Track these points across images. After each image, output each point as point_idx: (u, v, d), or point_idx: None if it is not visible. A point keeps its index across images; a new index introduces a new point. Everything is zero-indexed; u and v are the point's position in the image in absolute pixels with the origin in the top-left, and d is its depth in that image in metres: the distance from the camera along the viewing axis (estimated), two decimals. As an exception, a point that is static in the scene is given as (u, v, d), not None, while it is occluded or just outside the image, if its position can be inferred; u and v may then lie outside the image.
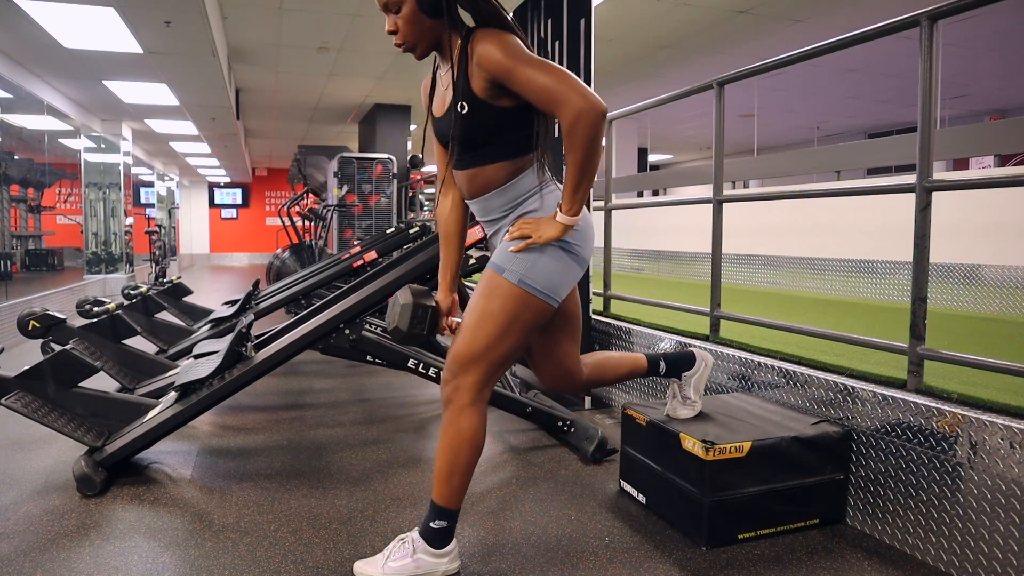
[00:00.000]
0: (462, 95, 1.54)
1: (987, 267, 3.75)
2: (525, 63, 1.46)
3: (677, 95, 3.08)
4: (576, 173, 1.49)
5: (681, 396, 2.07)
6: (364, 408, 3.29)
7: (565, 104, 1.42)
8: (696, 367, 2.09)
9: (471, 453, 1.58)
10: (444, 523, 1.62)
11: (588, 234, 1.64)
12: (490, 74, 1.49)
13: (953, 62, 7.30)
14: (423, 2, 1.53)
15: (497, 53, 1.46)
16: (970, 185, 3.20)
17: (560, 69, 1.46)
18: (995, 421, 1.62)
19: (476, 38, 1.51)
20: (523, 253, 1.57)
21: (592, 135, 1.44)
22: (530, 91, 1.46)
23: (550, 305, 1.59)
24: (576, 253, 1.61)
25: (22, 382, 2.24)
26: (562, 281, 1.60)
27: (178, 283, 4.35)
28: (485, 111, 1.53)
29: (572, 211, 1.53)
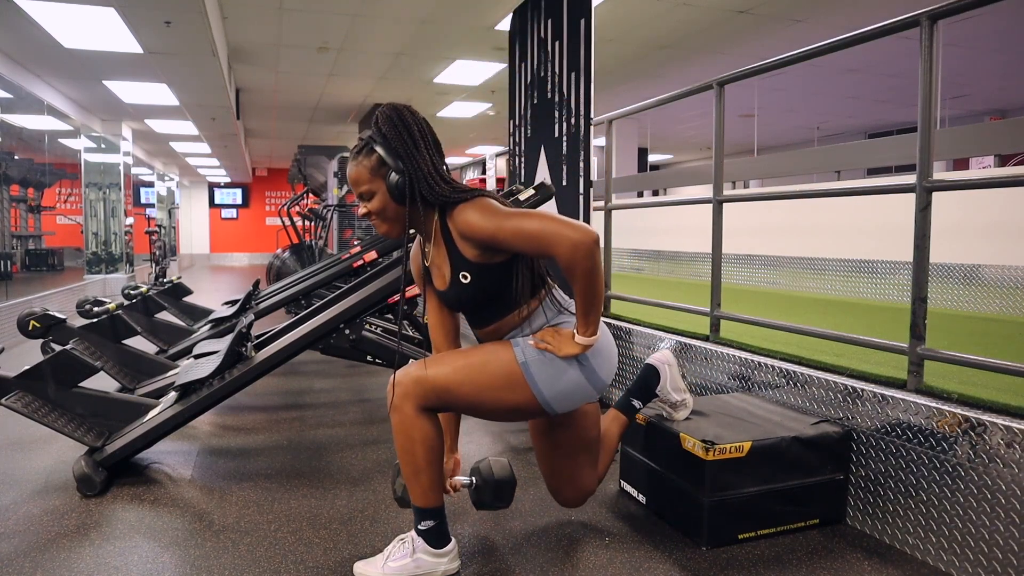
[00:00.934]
0: (460, 266, 1.59)
1: (987, 267, 3.75)
2: (507, 218, 1.50)
3: (677, 95, 3.08)
4: (584, 300, 1.54)
5: (668, 403, 2.06)
6: (364, 408, 3.29)
7: (558, 243, 1.46)
8: (662, 375, 2.03)
9: (426, 451, 1.58)
10: (431, 522, 1.62)
11: (608, 356, 1.66)
12: (477, 240, 1.54)
13: (953, 62, 7.30)
14: (393, 191, 1.58)
15: (477, 220, 1.52)
16: (970, 185, 3.20)
17: (540, 212, 1.52)
18: (995, 421, 1.62)
19: (452, 212, 1.57)
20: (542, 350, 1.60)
21: (591, 264, 1.48)
22: (520, 242, 1.50)
23: (540, 406, 1.61)
24: (591, 371, 1.62)
25: (22, 382, 2.25)
26: (566, 393, 1.61)
27: (178, 283, 4.35)
28: (487, 272, 1.59)
29: (589, 332, 1.57)
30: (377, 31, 6.15)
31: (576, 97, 3.27)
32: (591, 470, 1.88)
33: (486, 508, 1.86)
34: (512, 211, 1.52)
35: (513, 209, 1.53)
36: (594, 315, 1.56)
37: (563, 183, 3.42)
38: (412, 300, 2.87)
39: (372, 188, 1.60)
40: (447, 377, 1.57)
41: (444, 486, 1.69)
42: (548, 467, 1.88)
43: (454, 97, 9.07)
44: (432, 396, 1.57)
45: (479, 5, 5.50)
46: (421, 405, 1.57)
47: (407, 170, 1.56)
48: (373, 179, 1.59)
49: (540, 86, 3.63)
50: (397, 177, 1.56)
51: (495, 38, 6.28)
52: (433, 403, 1.58)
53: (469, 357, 1.61)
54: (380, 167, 1.59)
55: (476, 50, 6.77)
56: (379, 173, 1.59)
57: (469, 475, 1.84)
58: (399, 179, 1.56)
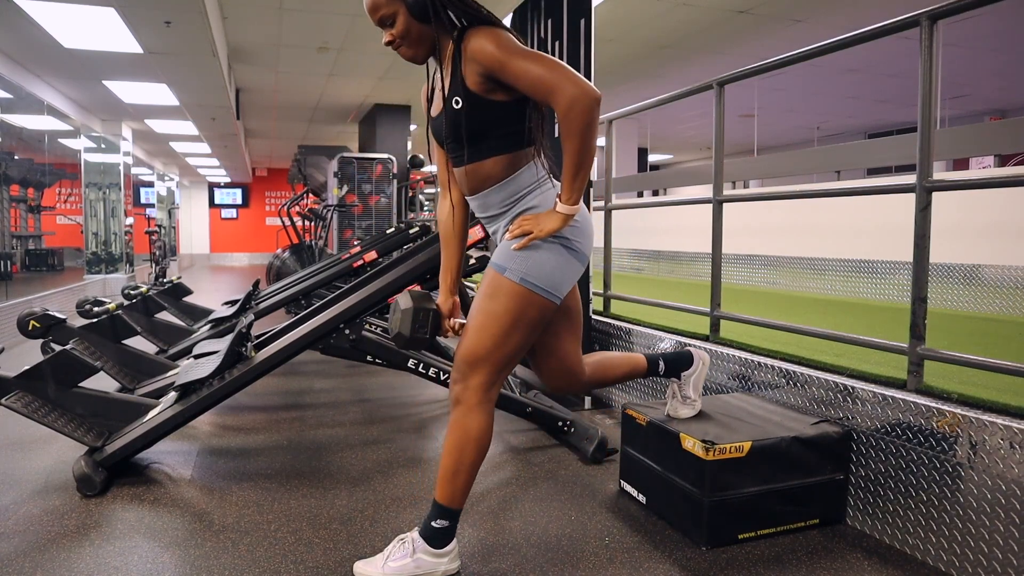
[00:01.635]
0: (456, 91, 1.55)
1: (987, 267, 3.75)
2: (518, 55, 1.47)
3: (677, 95, 3.08)
4: (573, 161, 1.50)
5: (681, 396, 2.08)
6: (364, 408, 3.29)
7: (559, 92, 1.43)
8: (694, 366, 2.09)
9: (476, 453, 1.59)
10: (446, 523, 1.62)
11: (588, 230, 1.65)
12: (483, 67, 1.50)
13: (953, 62, 7.30)
14: (414, 9, 1.55)
15: (490, 46, 1.47)
16: (970, 185, 3.20)
17: (552, 59, 1.48)
18: (995, 421, 1.62)
19: (468, 35, 1.52)
20: (524, 251, 1.57)
21: (587, 121, 1.45)
22: (524, 82, 1.47)
23: (552, 302, 1.60)
24: (576, 249, 1.61)
25: (22, 382, 2.24)
26: (563, 278, 1.60)
27: (178, 283, 4.35)
28: (480, 105, 1.54)
29: (572, 200, 1.54)
30: (377, 31, 6.10)
31: (576, 97, 3.27)
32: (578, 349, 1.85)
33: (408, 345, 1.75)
34: (525, 50, 1.49)
35: (527, 49, 1.50)
36: (580, 180, 1.52)
37: (563, 183, 3.41)
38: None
39: (391, 10, 1.56)
40: (487, 340, 1.57)
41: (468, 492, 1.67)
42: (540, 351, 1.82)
43: (454, 97, 9.05)
44: (487, 364, 1.57)
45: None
46: (485, 386, 1.58)
47: None
48: (391, 2, 1.56)
49: (540, 86, 3.63)
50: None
51: (495, 38, 6.27)
52: (491, 374, 1.58)
53: (481, 313, 1.59)
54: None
55: (476, 50, 6.76)
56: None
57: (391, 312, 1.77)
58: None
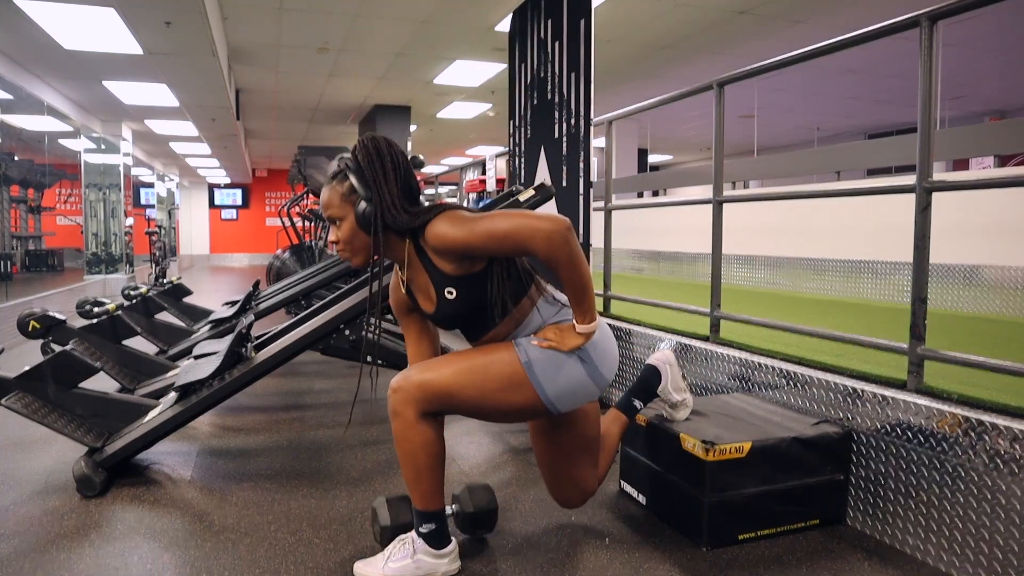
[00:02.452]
0: (443, 283, 1.59)
1: (987, 267, 3.75)
2: (477, 223, 1.50)
3: (677, 95, 3.08)
4: (573, 289, 1.53)
5: (668, 404, 2.05)
6: (364, 409, 3.29)
7: (532, 238, 1.46)
8: (663, 376, 2.04)
9: (429, 457, 1.58)
10: (432, 525, 1.62)
11: (609, 351, 1.66)
12: (454, 254, 1.54)
13: (953, 63, 7.30)
14: (362, 220, 1.58)
15: (448, 230, 1.51)
16: (970, 185, 3.20)
17: (509, 212, 1.52)
18: (995, 421, 1.62)
19: (424, 232, 1.56)
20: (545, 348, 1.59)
21: (570, 251, 1.48)
22: (493, 245, 1.50)
23: (544, 405, 1.60)
24: (593, 367, 1.62)
25: (22, 383, 2.25)
26: (569, 391, 1.61)
27: (178, 284, 4.35)
28: (469, 283, 1.58)
29: (586, 319, 1.56)
30: (377, 31, 6.15)
31: (576, 98, 3.27)
32: (591, 470, 1.88)
33: (468, 534, 1.86)
34: (480, 215, 1.52)
35: (481, 214, 1.53)
36: (587, 302, 1.55)
37: (563, 184, 3.42)
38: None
39: (341, 214, 1.60)
40: (449, 381, 1.57)
41: (443, 489, 1.68)
42: (548, 468, 1.88)
43: (454, 98, 9.07)
44: (434, 401, 1.56)
45: (479, 5, 5.51)
46: (423, 410, 1.57)
47: (375, 199, 1.56)
48: (343, 205, 1.60)
49: (540, 87, 3.63)
50: (365, 205, 1.56)
51: (495, 38, 6.28)
52: (435, 408, 1.58)
53: (471, 360, 1.60)
54: (351, 194, 1.59)
55: (476, 50, 6.78)
56: (349, 200, 1.60)
57: (451, 502, 1.83)
58: (366, 208, 1.56)
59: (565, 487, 1.87)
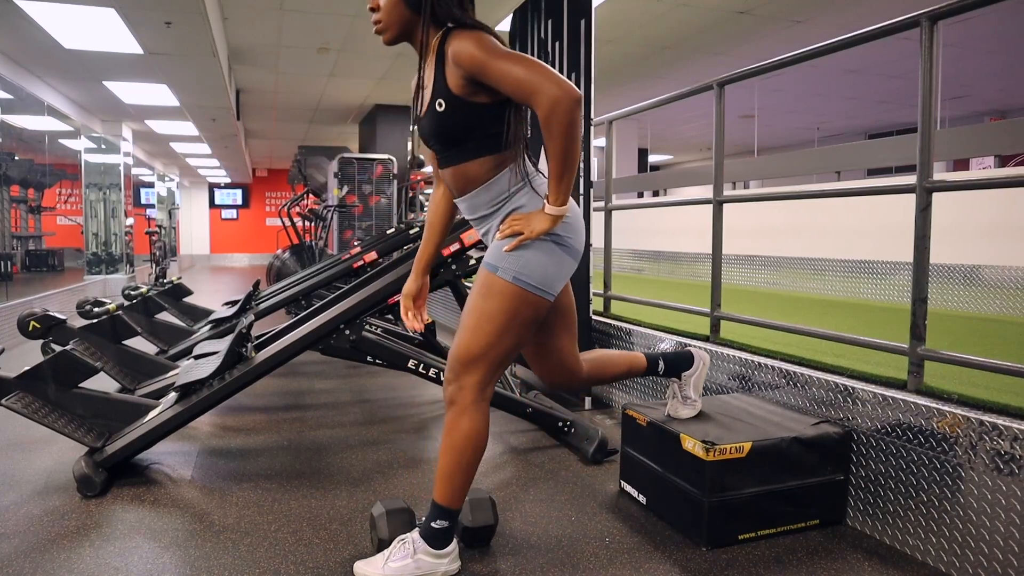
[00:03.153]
0: (439, 93, 1.56)
1: (987, 267, 3.75)
2: (499, 57, 1.47)
3: (677, 95, 3.08)
4: (558, 162, 1.49)
5: (681, 396, 2.08)
6: (364, 409, 3.29)
7: (540, 93, 1.43)
8: (695, 367, 2.09)
9: (474, 453, 1.59)
10: (445, 523, 1.62)
11: (578, 226, 1.65)
12: (465, 70, 1.50)
13: (953, 63, 7.30)
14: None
15: (472, 48, 1.48)
16: (970, 185, 3.21)
17: (534, 60, 1.48)
18: (995, 421, 1.62)
19: (452, 36, 1.54)
20: (516, 250, 1.57)
21: (569, 122, 1.45)
22: (505, 84, 1.47)
23: (546, 299, 1.61)
24: (568, 245, 1.62)
25: (22, 383, 2.24)
26: (556, 274, 1.61)
27: (178, 284, 4.35)
28: (462, 108, 1.55)
29: (559, 201, 1.54)
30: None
31: (576, 97, 3.27)
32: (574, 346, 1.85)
33: (464, 543, 1.84)
34: (507, 52, 1.49)
35: (509, 51, 1.50)
36: (567, 181, 1.52)
37: (563, 183, 3.42)
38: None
39: None
40: (481, 340, 1.57)
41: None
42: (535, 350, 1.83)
43: (454, 97, 9.06)
44: (482, 364, 1.57)
45: (479, 5, 5.47)
46: (480, 385, 1.58)
47: None
48: None
49: (540, 87, 3.63)
50: None
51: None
52: (485, 372, 1.58)
53: (474, 313, 1.59)
54: None
55: (476, 51, 6.76)
56: None
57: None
58: None
59: (553, 366, 1.84)
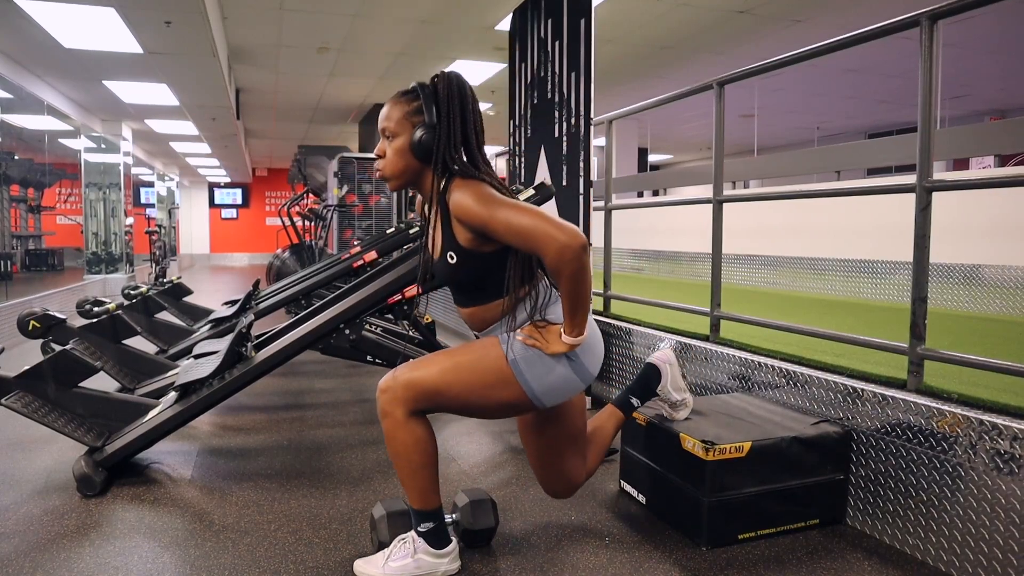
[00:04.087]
0: (449, 246, 1.59)
1: (987, 267, 3.75)
2: (500, 208, 1.49)
3: (677, 95, 3.08)
4: (570, 303, 1.52)
5: (669, 403, 2.06)
6: (364, 408, 3.29)
7: (546, 244, 1.44)
8: (663, 375, 2.04)
9: (421, 455, 1.58)
10: (430, 524, 1.62)
11: (596, 349, 1.65)
12: (470, 226, 1.53)
13: (953, 62, 7.30)
14: (416, 146, 1.58)
15: (472, 204, 1.50)
16: (970, 185, 3.20)
17: (534, 210, 1.49)
18: (995, 421, 1.62)
19: (452, 185, 1.56)
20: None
21: (577, 267, 1.46)
22: (509, 236, 1.49)
23: (530, 401, 1.60)
24: (579, 364, 1.61)
25: (22, 382, 2.24)
26: (555, 387, 1.60)
27: (178, 283, 4.35)
28: (473, 259, 1.58)
29: (575, 333, 1.55)
30: (377, 31, 6.15)
31: (576, 97, 3.27)
32: (579, 461, 1.87)
33: (465, 544, 1.84)
34: (507, 202, 1.50)
35: (509, 200, 1.51)
36: (580, 316, 1.54)
37: (563, 183, 3.42)
38: (412, 300, 2.86)
39: (397, 131, 1.60)
40: (436, 379, 1.56)
41: (438, 487, 1.67)
42: (537, 460, 1.86)
43: (454, 97, 9.05)
44: (422, 399, 1.56)
45: (479, 5, 5.50)
46: (411, 409, 1.56)
47: (439, 131, 1.57)
48: (402, 122, 1.60)
49: (540, 86, 3.63)
50: (423, 132, 1.57)
51: (495, 38, 6.28)
52: (423, 406, 1.57)
53: (457, 357, 1.60)
54: (415, 115, 1.59)
55: (476, 50, 6.77)
56: (410, 120, 1.59)
57: (451, 510, 1.83)
58: (425, 135, 1.57)
59: (553, 478, 1.86)
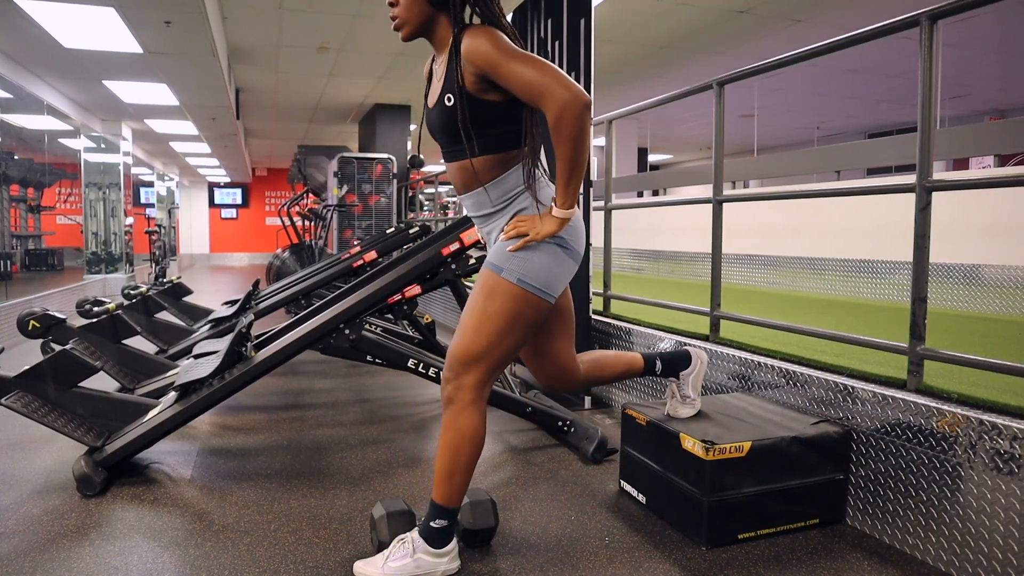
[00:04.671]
0: (449, 88, 1.56)
1: (987, 267, 3.75)
2: (511, 57, 1.47)
3: (677, 95, 3.08)
4: (566, 166, 1.50)
5: (680, 395, 2.08)
6: (364, 408, 3.29)
7: (549, 97, 1.44)
8: (692, 366, 2.09)
9: (472, 452, 1.59)
10: (444, 522, 1.63)
11: (580, 229, 1.66)
12: (478, 68, 1.50)
13: (953, 62, 7.30)
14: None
15: (485, 47, 1.48)
16: (970, 185, 3.20)
17: (546, 63, 1.48)
18: (995, 420, 1.62)
19: (467, 32, 1.54)
20: (520, 251, 1.58)
21: (578, 126, 1.45)
22: (515, 85, 1.47)
23: (548, 301, 1.61)
24: (571, 248, 1.62)
25: (22, 382, 2.24)
26: (559, 277, 1.61)
27: (178, 283, 4.35)
28: (472, 104, 1.55)
29: (567, 204, 1.55)
30: (377, 31, 6.15)
31: (576, 97, 3.27)
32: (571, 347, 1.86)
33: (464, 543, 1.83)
34: (520, 53, 1.49)
35: (522, 52, 1.50)
36: (575, 184, 1.53)
37: (563, 183, 3.42)
38: (412, 300, 2.86)
39: None
40: (480, 342, 1.57)
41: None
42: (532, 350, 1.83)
43: (454, 97, 9.05)
44: (484, 364, 1.57)
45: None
46: (476, 382, 1.58)
47: None
48: None
49: (540, 86, 3.63)
50: None
51: (495, 38, 6.27)
52: (484, 372, 1.58)
53: (477, 314, 1.59)
54: None
55: (476, 50, 6.76)
56: None
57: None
58: None
59: (546, 365, 1.84)
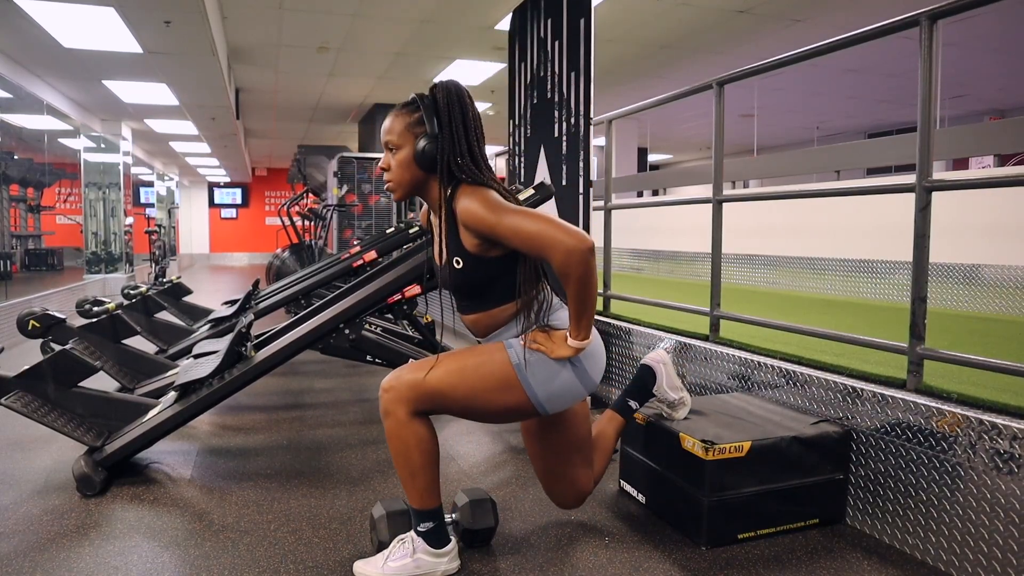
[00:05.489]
0: (455, 251, 1.60)
1: (987, 267, 3.75)
2: (506, 214, 1.50)
3: (677, 95, 3.08)
4: (576, 304, 1.53)
5: (666, 403, 2.06)
6: (364, 408, 3.29)
7: (553, 247, 1.46)
8: (658, 375, 2.04)
9: (422, 455, 1.58)
10: (430, 523, 1.62)
11: (597, 357, 1.66)
12: (476, 231, 1.54)
13: (953, 62, 7.30)
14: (419, 156, 1.59)
15: (479, 210, 1.51)
16: (970, 185, 3.20)
17: (539, 214, 1.51)
18: (995, 420, 1.62)
19: (458, 195, 1.57)
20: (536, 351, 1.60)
21: (585, 271, 1.48)
22: (516, 241, 1.50)
23: (533, 407, 1.61)
24: (583, 371, 1.62)
25: (22, 382, 2.24)
26: (559, 393, 1.61)
27: (178, 283, 4.35)
28: (479, 264, 1.59)
29: (581, 336, 1.57)
30: (377, 31, 6.15)
31: (576, 97, 3.27)
32: (585, 470, 1.88)
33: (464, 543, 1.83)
34: (513, 208, 1.52)
35: (515, 206, 1.53)
36: (586, 319, 1.55)
37: (563, 183, 3.42)
38: (412, 300, 2.86)
39: (400, 143, 1.61)
40: (440, 380, 1.57)
41: (438, 487, 1.67)
42: (543, 468, 1.87)
43: (454, 97, 9.05)
44: (425, 400, 1.57)
45: (479, 5, 5.50)
46: (414, 410, 1.56)
47: (441, 141, 1.58)
48: (404, 134, 1.61)
49: (540, 86, 3.63)
50: (426, 143, 1.58)
51: (495, 38, 6.28)
52: (426, 407, 1.58)
53: (462, 360, 1.61)
54: (416, 126, 1.60)
55: (476, 50, 6.77)
56: (412, 131, 1.60)
57: (451, 509, 1.83)
58: (427, 145, 1.58)
59: (560, 487, 1.87)
